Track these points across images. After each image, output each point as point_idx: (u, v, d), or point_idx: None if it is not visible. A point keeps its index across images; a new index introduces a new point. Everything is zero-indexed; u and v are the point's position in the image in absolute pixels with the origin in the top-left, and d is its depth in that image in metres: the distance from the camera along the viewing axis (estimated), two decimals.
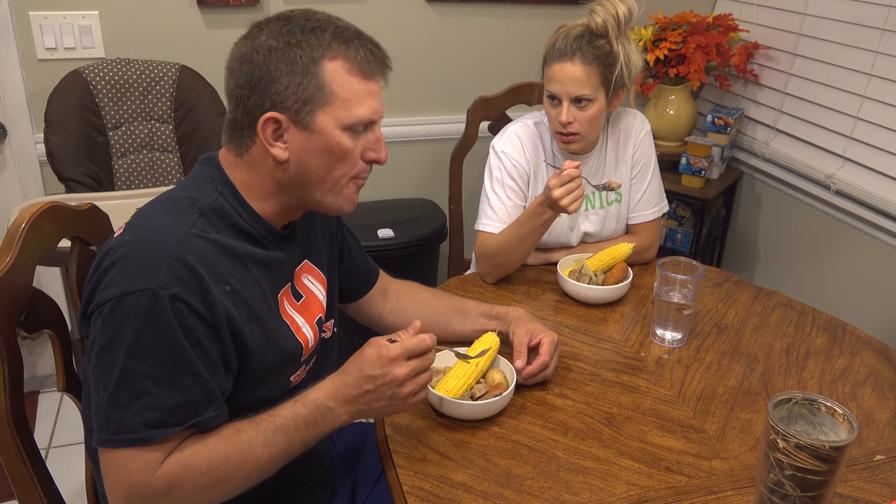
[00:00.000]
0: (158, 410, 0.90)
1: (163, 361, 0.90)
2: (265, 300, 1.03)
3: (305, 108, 0.97)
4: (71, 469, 2.10)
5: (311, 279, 1.15)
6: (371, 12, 2.41)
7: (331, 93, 0.97)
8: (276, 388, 1.04)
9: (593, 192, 1.71)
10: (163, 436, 0.90)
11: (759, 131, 2.63)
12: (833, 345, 1.43)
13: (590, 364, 1.34)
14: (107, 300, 0.90)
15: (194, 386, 0.92)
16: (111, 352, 0.89)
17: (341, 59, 0.98)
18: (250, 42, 0.99)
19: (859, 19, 2.21)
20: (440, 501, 1.02)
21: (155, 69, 2.14)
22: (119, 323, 0.89)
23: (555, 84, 1.55)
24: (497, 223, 1.64)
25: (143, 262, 0.91)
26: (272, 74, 0.96)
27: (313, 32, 0.97)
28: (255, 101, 0.97)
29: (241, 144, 1.01)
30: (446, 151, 2.13)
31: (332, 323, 1.20)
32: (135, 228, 0.97)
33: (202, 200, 1.00)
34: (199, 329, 0.92)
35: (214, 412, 0.94)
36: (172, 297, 0.89)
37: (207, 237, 0.96)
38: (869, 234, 2.25)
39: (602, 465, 1.10)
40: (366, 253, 1.35)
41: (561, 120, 1.56)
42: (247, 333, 0.97)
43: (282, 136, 0.98)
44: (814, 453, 0.87)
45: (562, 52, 1.54)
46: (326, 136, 0.98)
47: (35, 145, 2.22)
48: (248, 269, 1.00)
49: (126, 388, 0.89)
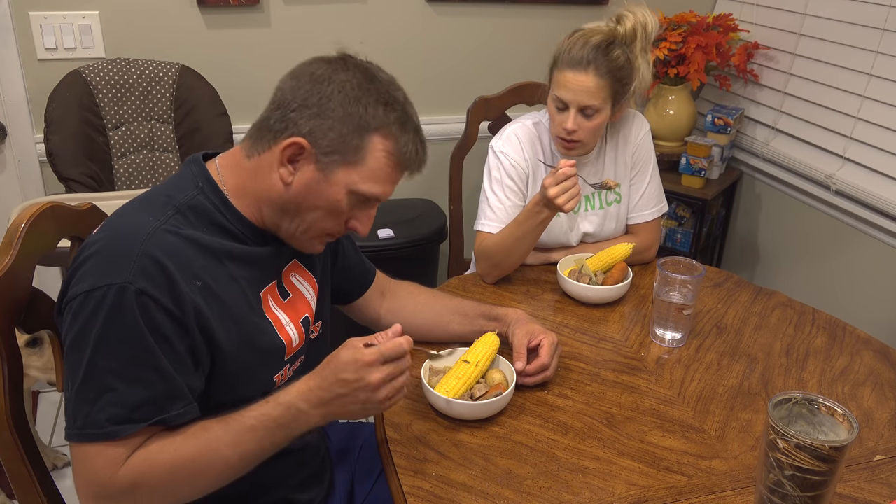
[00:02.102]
0: (123, 406, 0.89)
1: (128, 357, 0.90)
2: (244, 297, 1.02)
3: (333, 156, 0.99)
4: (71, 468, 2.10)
5: (299, 278, 1.15)
6: (371, 12, 2.40)
7: (363, 159, 1.00)
8: (258, 388, 1.03)
9: (592, 193, 1.71)
10: (126, 432, 0.90)
11: (759, 131, 2.63)
12: (833, 345, 1.43)
13: (590, 364, 1.34)
14: (76, 295, 0.90)
15: (160, 382, 0.91)
16: (79, 347, 0.90)
17: (392, 141, 1.01)
18: (330, 70, 1.00)
19: (859, 19, 2.21)
20: (440, 501, 1.02)
21: (155, 69, 2.14)
22: (87, 318, 0.89)
23: (565, 91, 1.54)
24: (496, 223, 1.64)
25: (112, 257, 0.91)
26: (327, 111, 0.98)
27: (385, 106, 1.00)
28: (296, 117, 0.98)
29: (256, 146, 1.02)
30: (446, 151, 2.13)
31: (320, 324, 1.19)
32: (109, 226, 0.97)
33: (179, 198, 1.00)
34: (166, 325, 0.91)
35: (181, 409, 0.94)
36: (139, 293, 0.89)
37: (179, 233, 0.96)
38: (869, 234, 2.25)
39: (602, 465, 1.10)
40: (362, 253, 1.35)
41: (566, 127, 1.56)
42: (218, 330, 0.97)
43: (296, 162, 1.00)
44: (814, 453, 0.87)
45: (577, 60, 1.52)
46: (333, 188, 1.00)
47: (35, 145, 2.22)
48: (223, 265, 1.00)
49: (92, 383, 0.89)
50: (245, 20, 2.31)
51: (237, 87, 2.31)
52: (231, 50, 2.32)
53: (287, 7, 2.32)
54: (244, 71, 2.35)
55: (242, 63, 2.35)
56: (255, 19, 2.32)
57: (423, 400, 1.21)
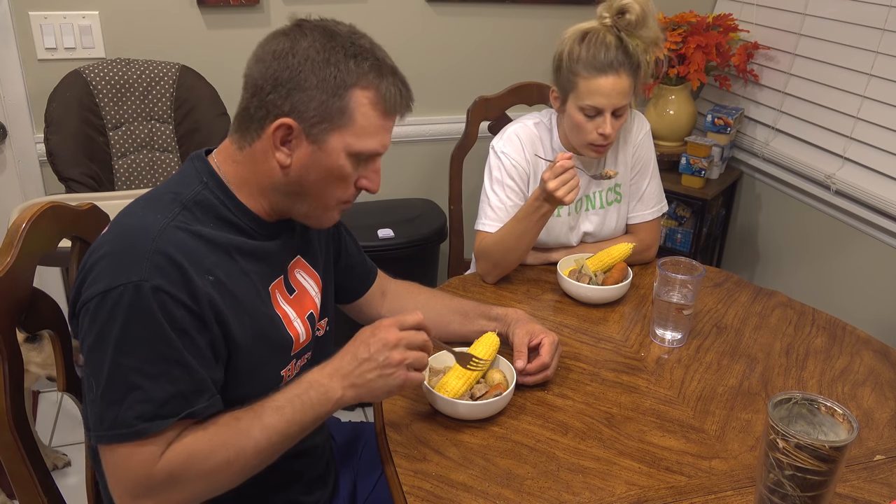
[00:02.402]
0: (151, 403, 0.90)
1: (151, 354, 0.90)
2: (255, 291, 1.02)
3: (321, 125, 0.98)
4: (71, 468, 2.10)
5: (303, 275, 1.15)
6: (371, 12, 2.41)
7: (350, 119, 0.98)
8: (266, 383, 1.04)
9: (593, 192, 1.71)
10: (157, 428, 0.90)
11: (759, 131, 2.63)
12: (833, 345, 1.43)
13: (590, 364, 1.34)
14: (92, 297, 0.90)
15: (184, 376, 0.92)
16: (99, 348, 0.90)
17: (372, 91, 0.99)
18: (290, 42, 0.97)
19: (859, 19, 2.21)
20: (440, 501, 1.02)
21: (155, 69, 2.14)
22: (105, 319, 0.89)
23: (600, 98, 1.52)
24: (496, 223, 1.64)
25: (125, 256, 0.91)
26: (301, 83, 0.96)
27: (355, 59, 0.98)
28: (274, 99, 0.97)
29: (245, 137, 1.02)
30: (446, 151, 2.13)
31: (326, 321, 1.20)
32: (117, 225, 0.97)
33: (185, 194, 1.00)
34: (185, 319, 0.91)
35: (208, 401, 0.94)
36: (155, 289, 0.89)
37: (189, 229, 0.96)
38: (869, 234, 2.25)
39: (602, 465, 1.10)
40: (364, 253, 1.35)
41: (605, 133, 1.55)
42: (234, 324, 0.97)
43: (289, 143, 0.99)
44: (814, 453, 0.87)
45: (607, 64, 1.50)
46: (332, 156, 0.99)
47: (35, 145, 2.22)
48: (234, 260, 1.00)
49: (117, 384, 0.89)
50: (245, 20, 2.31)
51: (237, 87, 2.26)
52: (231, 50, 2.32)
53: (287, 7, 2.32)
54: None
55: (242, 63, 2.33)
56: (255, 19, 2.32)
57: (423, 400, 1.21)
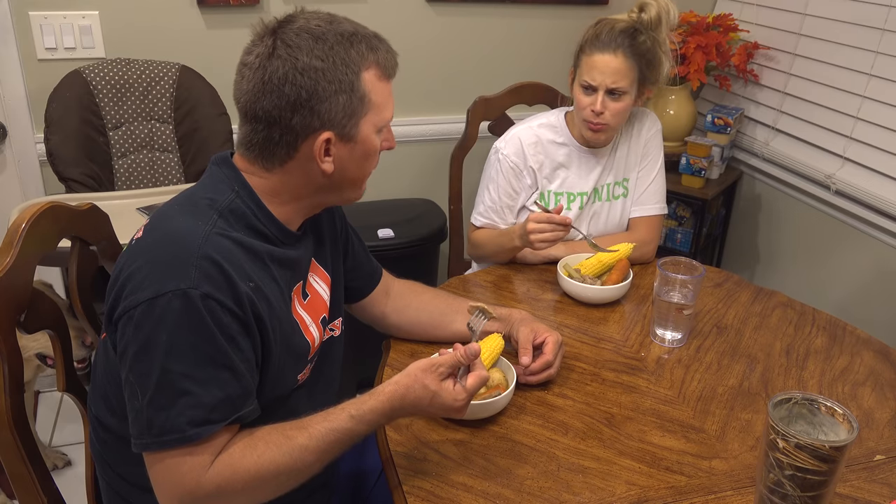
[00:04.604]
0: (201, 408, 0.90)
1: (201, 360, 0.90)
2: (283, 298, 1.04)
3: (351, 121, 1.00)
4: (71, 468, 2.10)
5: (316, 278, 1.16)
6: (371, 12, 2.40)
7: (370, 101, 1.01)
8: (285, 387, 1.06)
9: (602, 185, 1.75)
10: (208, 433, 0.90)
11: (759, 131, 2.63)
12: (833, 345, 1.43)
13: (590, 364, 1.34)
14: (137, 304, 0.90)
15: (233, 381, 0.93)
16: (147, 355, 0.89)
17: (374, 67, 1.01)
18: (289, 62, 0.96)
19: (859, 19, 2.21)
20: (440, 501, 1.02)
21: (155, 69, 2.14)
22: (153, 326, 0.89)
23: (595, 73, 1.59)
24: (485, 219, 1.75)
25: (170, 263, 0.91)
26: (320, 95, 0.97)
27: (350, 47, 0.99)
28: (300, 120, 0.98)
29: (271, 160, 1.01)
30: (446, 151, 2.13)
31: (341, 320, 1.21)
32: (156, 230, 0.97)
33: (220, 201, 1.00)
34: (233, 325, 0.92)
35: (252, 406, 0.96)
36: (204, 296, 0.90)
37: (228, 236, 0.97)
38: (869, 234, 2.25)
39: (602, 465, 1.10)
40: (369, 253, 1.35)
41: (595, 109, 1.60)
42: (270, 330, 0.99)
43: (329, 151, 1.01)
44: (814, 453, 0.87)
45: (606, 43, 1.58)
46: (367, 142, 1.03)
47: (35, 145, 2.22)
48: (267, 266, 1.01)
49: (167, 390, 0.89)
50: (245, 20, 2.30)
51: None
52: (231, 50, 2.29)
53: (287, 7, 2.31)
54: None
55: None
56: (256, 19, 2.31)
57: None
